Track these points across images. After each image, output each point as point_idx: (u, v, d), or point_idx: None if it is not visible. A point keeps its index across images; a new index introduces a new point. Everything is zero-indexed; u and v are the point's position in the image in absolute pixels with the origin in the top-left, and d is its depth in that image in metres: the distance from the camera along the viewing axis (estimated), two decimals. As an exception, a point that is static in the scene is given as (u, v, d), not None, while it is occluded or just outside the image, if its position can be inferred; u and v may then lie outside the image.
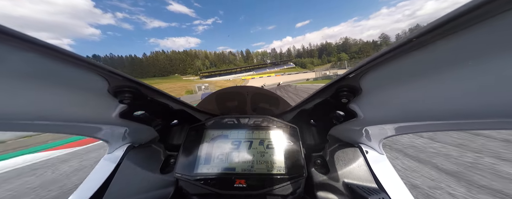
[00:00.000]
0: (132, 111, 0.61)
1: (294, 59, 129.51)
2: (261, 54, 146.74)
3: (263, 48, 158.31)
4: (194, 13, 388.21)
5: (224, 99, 1.05)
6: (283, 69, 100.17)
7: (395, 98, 0.42)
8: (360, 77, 0.43)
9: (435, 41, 0.25)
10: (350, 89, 0.49)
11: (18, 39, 0.24)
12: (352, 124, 0.63)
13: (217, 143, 0.76)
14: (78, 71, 0.36)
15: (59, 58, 0.30)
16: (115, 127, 0.66)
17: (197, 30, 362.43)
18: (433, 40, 0.25)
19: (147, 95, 0.56)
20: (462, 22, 0.21)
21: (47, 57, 0.30)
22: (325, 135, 0.81)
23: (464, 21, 0.21)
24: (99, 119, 0.57)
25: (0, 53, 0.26)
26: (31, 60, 0.30)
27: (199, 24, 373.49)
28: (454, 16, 0.20)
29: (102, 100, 0.49)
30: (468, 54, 0.24)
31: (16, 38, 0.24)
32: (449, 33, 0.23)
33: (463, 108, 0.30)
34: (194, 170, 0.68)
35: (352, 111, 0.57)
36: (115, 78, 0.43)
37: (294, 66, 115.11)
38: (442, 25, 0.22)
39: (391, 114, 0.48)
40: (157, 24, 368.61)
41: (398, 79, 0.37)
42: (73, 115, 0.48)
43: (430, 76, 0.31)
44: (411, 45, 0.27)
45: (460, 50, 0.25)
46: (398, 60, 0.32)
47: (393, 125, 0.53)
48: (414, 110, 0.40)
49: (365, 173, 0.66)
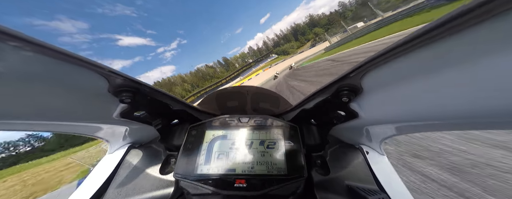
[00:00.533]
0: (133, 111, 0.60)
1: (274, 50, 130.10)
2: (241, 57, 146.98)
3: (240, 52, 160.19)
4: (152, 41, 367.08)
5: (225, 99, 1.05)
6: (269, 62, 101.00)
7: (397, 98, 0.42)
8: (361, 76, 0.43)
9: (437, 40, 0.25)
10: (351, 88, 0.48)
11: (17, 39, 0.25)
12: (352, 124, 0.64)
13: (217, 143, 0.76)
14: (78, 71, 0.36)
15: (59, 58, 0.31)
16: (116, 127, 0.66)
17: (165, 57, 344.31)
18: (436, 39, 0.25)
19: (148, 95, 0.56)
20: (465, 21, 0.21)
21: (46, 57, 0.30)
22: (325, 135, 0.81)
23: (467, 20, 0.21)
24: (100, 119, 0.57)
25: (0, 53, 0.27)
26: (31, 60, 0.30)
27: (164, 51, 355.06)
28: (457, 14, 0.20)
29: (103, 99, 0.49)
30: (472, 53, 0.24)
31: (16, 38, 0.25)
32: (452, 32, 0.23)
33: (466, 108, 0.30)
34: (194, 170, 0.68)
35: (353, 111, 0.56)
36: (115, 78, 0.43)
37: (277, 56, 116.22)
38: (444, 24, 0.22)
39: (392, 114, 0.48)
40: (119, 63, 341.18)
41: (399, 78, 0.37)
42: (74, 115, 0.49)
43: (432, 75, 0.31)
44: (413, 44, 0.27)
45: (464, 49, 0.25)
46: (400, 59, 0.31)
47: (394, 124, 0.53)
48: (416, 109, 0.40)
49: (366, 173, 0.65)
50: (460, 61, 0.26)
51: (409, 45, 0.27)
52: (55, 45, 0.28)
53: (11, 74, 0.31)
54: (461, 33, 0.23)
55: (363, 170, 0.67)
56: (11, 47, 0.26)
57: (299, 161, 0.69)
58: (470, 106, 0.29)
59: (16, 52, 0.27)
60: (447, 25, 0.22)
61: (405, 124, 0.49)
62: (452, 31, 0.23)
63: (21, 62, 0.30)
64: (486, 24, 0.21)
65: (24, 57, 0.29)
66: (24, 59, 0.29)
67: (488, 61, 0.23)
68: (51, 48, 0.28)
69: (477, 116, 0.30)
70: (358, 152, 0.73)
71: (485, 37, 0.22)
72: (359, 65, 0.38)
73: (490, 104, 0.27)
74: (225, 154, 0.72)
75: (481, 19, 0.20)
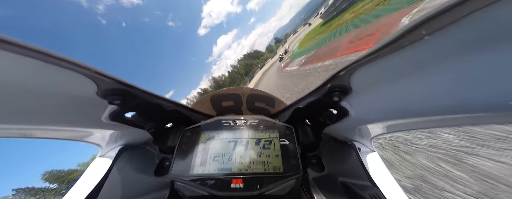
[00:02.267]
0: (123, 112, 0.59)
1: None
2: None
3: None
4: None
5: (220, 100, 1.05)
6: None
7: (384, 96, 0.43)
8: (349, 76, 0.44)
9: (418, 40, 0.26)
10: (341, 88, 0.50)
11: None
12: (344, 123, 0.65)
13: (213, 144, 0.76)
14: (62, 72, 0.35)
15: (41, 59, 0.29)
16: (105, 131, 0.64)
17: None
18: (417, 38, 0.25)
19: (138, 96, 0.55)
20: (445, 18, 0.21)
21: (28, 58, 0.28)
22: (319, 134, 0.82)
23: (448, 17, 0.21)
24: (89, 122, 0.55)
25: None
26: (12, 63, 0.28)
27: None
28: (438, 12, 0.20)
29: (91, 102, 0.48)
30: (454, 49, 0.25)
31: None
32: (433, 30, 0.23)
33: (454, 103, 0.31)
34: (189, 172, 0.67)
35: (344, 109, 0.58)
36: (103, 80, 0.42)
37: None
38: (423, 23, 0.22)
39: (381, 111, 0.49)
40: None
41: (384, 78, 0.38)
42: (61, 119, 0.47)
43: (416, 73, 0.31)
44: (397, 45, 0.28)
45: (445, 46, 0.25)
46: (385, 59, 0.32)
47: (384, 122, 0.55)
48: (402, 107, 0.41)
49: (358, 169, 0.67)
50: (444, 58, 0.26)
51: (394, 45, 0.28)
52: (36, 46, 0.27)
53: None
54: (442, 31, 0.23)
55: (356, 166, 0.68)
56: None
57: (295, 160, 0.70)
58: (457, 101, 0.30)
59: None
60: (427, 23, 0.22)
61: (394, 122, 0.51)
62: (432, 29, 0.23)
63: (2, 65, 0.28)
64: (469, 20, 0.21)
65: (3, 59, 0.27)
66: (3, 62, 0.28)
67: (472, 57, 0.24)
68: (32, 48, 0.27)
69: (464, 111, 0.31)
70: (351, 149, 0.75)
71: (468, 32, 0.22)
72: (346, 65, 0.39)
73: (475, 98, 0.28)
74: (221, 155, 0.72)
75: (464, 14, 0.20)
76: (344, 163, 0.73)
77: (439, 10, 0.20)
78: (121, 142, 0.76)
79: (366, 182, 0.62)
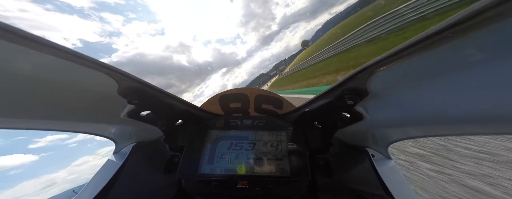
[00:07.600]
0: (139, 111, 0.62)
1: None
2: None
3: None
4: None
5: (228, 100, 1.05)
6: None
7: (404, 101, 0.40)
8: (366, 79, 0.41)
9: (445, 43, 0.24)
10: (356, 91, 0.47)
11: (30, 41, 0.25)
12: (358, 127, 0.62)
13: (221, 143, 0.76)
14: (89, 72, 0.37)
15: (71, 60, 0.31)
16: (122, 126, 0.67)
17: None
18: (443, 41, 0.24)
19: (154, 96, 0.57)
20: (473, 23, 0.20)
21: (60, 59, 0.30)
22: (330, 138, 0.79)
23: (476, 22, 0.19)
24: (109, 118, 0.59)
25: (13, 54, 0.27)
26: (44, 62, 0.31)
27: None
28: (465, 16, 0.19)
29: (112, 100, 0.50)
30: (481, 55, 0.23)
31: (28, 40, 0.25)
32: (460, 34, 0.22)
33: (478, 112, 0.29)
34: (197, 171, 0.68)
35: (358, 113, 0.55)
36: (124, 80, 0.44)
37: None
38: (452, 26, 0.21)
39: (399, 117, 0.46)
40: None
41: (407, 81, 0.36)
42: (85, 114, 0.51)
43: (441, 78, 0.29)
44: (421, 47, 0.26)
45: (472, 52, 0.24)
46: (407, 61, 0.30)
47: (402, 128, 0.52)
48: (424, 113, 0.39)
49: (371, 177, 0.63)
50: (469, 64, 0.25)
51: (417, 47, 0.26)
52: (66, 47, 0.29)
53: (24, 74, 0.32)
54: (469, 35, 0.22)
55: (368, 174, 0.65)
56: (25, 48, 0.26)
57: (303, 162, 0.67)
58: (481, 110, 0.28)
59: (29, 53, 0.28)
60: (454, 28, 0.21)
61: (413, 127, 0.48)
62: (459, 34, 0.22)
63: (34, 64, 0.31)
64: (493, 28, 0.20)
65: (37, 58, 0.30)
66: (36, 61, 0.30)
67: (500, 64, 0.23)
68: (65, 50, 0.29)
69: (489, 120, 0.29)
70: (363, 155, 0.71)
71: (494, 40, 0.21)
72: (364, 67, 0.37)
73: (502, 108, 0.26)
74: (228, 155, 0.72)
75: (489, 22, 0.19)
76: (356, 169, 0.70)
77: (471, 13, 0.19)
78: (135, 139, 0.79)
79: (380, 191, 0.59)
